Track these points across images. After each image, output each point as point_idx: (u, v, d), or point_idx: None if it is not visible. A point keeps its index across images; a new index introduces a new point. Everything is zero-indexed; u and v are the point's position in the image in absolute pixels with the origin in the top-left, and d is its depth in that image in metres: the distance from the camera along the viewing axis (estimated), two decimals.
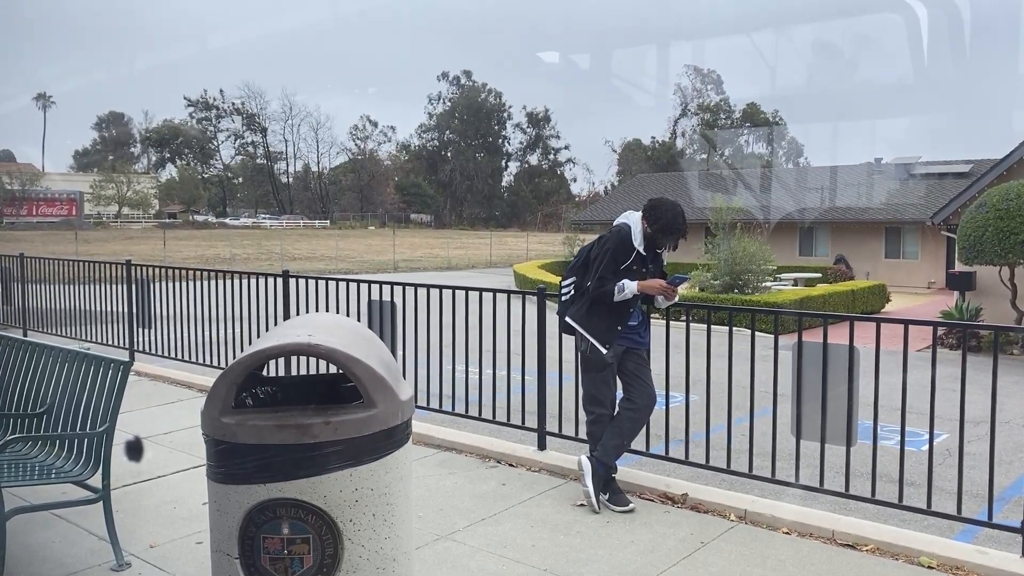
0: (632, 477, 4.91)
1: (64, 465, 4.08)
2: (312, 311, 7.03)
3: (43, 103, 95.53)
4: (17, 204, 66.57)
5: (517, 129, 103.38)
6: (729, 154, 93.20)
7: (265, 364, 2.77)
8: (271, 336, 2.77)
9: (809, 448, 4.53)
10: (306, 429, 2.59)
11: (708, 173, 45.01)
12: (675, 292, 4.61)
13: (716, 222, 20.59)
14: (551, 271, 28.80)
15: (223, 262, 35.45)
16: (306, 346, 2.63)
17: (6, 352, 4.83)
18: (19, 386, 4.63)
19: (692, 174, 42.13)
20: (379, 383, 2.70)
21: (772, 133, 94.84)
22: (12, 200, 66.12)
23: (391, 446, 2.76)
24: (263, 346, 2.64)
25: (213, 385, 2.69)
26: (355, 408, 2.71)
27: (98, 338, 9.24)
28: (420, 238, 64.73)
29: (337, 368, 2.79)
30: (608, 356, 4.60)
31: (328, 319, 3.11)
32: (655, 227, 4.60)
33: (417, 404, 5.88)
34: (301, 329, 2.80)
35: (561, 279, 4.95)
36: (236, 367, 2.63)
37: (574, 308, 4.73)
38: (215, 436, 2.67)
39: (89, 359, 4.24)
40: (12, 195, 66.12)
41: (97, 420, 4.03)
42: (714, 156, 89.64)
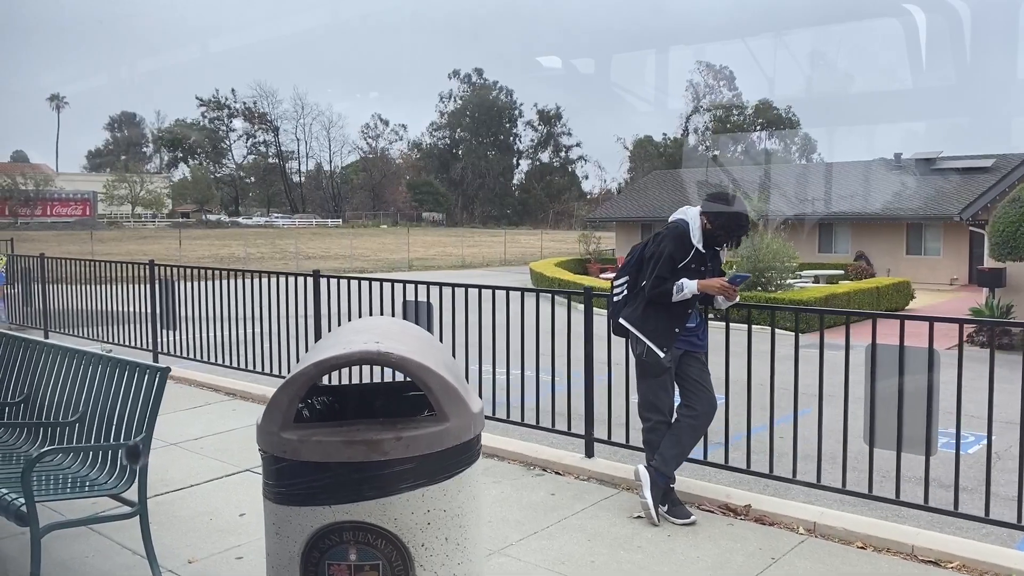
0: (688, 487, 4.66)
1: (98, 477, 3.87)
2: (344, 312, 6.81)
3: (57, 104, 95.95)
4: (32, 205, 66.82)
5: (528, 127, 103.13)
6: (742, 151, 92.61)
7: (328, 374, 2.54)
8: (333, 343, 2.54)
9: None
10: (376, 445, 2.36)
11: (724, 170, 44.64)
12: (736, 292, 4.36)
13: None
14: (567, 269, 28.56)
15: (237, 261, 35.35)
16: (376, 354, 2.39)
17: (35, 357, 4.62)
18: (49, 393, 4.42)
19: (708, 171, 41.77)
20: (452, 394, 2.47)
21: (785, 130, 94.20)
22: (27, 201, 66.37)
23: (464, 463, 2.53)
24: (328, 355, 2.41)
25: (273, 397, 2.46)
26: (426, 422, 2.48)
27: (120, 339, 9.06)
28: (432, 237, 64.55)
29: (404, 377, 2.56)
30: (666, 360, 4.35)
31: (388, 323, 2.88)
32: (716, 223, 4.35)
33: None
34: (366, 335, 2.57)
35: (612, 278, 4.71)
36: (299, 378, 2.40)
37: (628, 309, 4.49)
38: (275, 453, 2.44)
39: (123, 365, 4.03)
40: (27, 196, 66.37)
41: (132, 430, 3.82)
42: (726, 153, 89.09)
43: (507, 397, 5.71)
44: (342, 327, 2.82)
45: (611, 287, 4.69)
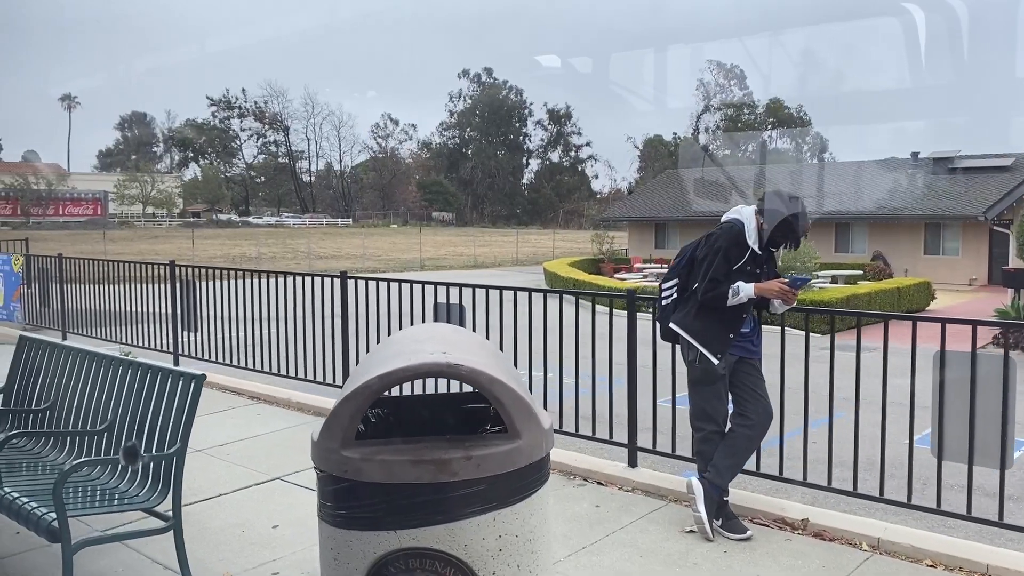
0: (739, 499, 4.45)
1: (128, 489, 3.70)
2: (372, 314, 6.63)
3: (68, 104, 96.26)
4: (44, 204, 66.98)
5: (538, 126, 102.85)
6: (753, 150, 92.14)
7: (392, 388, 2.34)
8: (395, 353, 2.35)
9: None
10: (445, 465, 2.16)
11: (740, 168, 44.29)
12: (795, 295, 4.15)
13: None
14: (581, 269, 28.34)
15: (250, 261, 35.26)
16: (445, 366, 2.20)
17: (60, 362, 4.45)
18: (75, 400, 4.25)
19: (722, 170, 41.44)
20: (524, 409, 2.28)
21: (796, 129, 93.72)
22: (39, 200, 66.54)
23: (536, 483, 2.34)
24: (393, 366, 2.22)
25: (333, 411, 2.27)
26: (497, 439, 2.28)
27: (139, 341, 8.91)
28: (443, 236, 64.40)
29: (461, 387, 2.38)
30: (720, 367, 4.15)
31: (449, 331, 2.68)
32: (774, 223, 4.14)
33: None
34: (430, 344, 2.38)
35: (661, 281, 4.51)
36: (362, 391, 2.21)
37: (680, 314, 4.28)
38: (334, 472, 2.25)
39: (154, 371, 3.85)
40: (39, 195, 66.54)
41: (166, 440, 3.64)
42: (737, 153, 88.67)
43: (544, 403, 5.52)
44: (399, 336, 2.63)
45: (659, 290, 4.50)
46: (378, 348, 2.52)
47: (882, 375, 4.14)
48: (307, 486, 5.01)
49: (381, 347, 2.50)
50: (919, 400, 4.04)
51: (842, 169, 35.43)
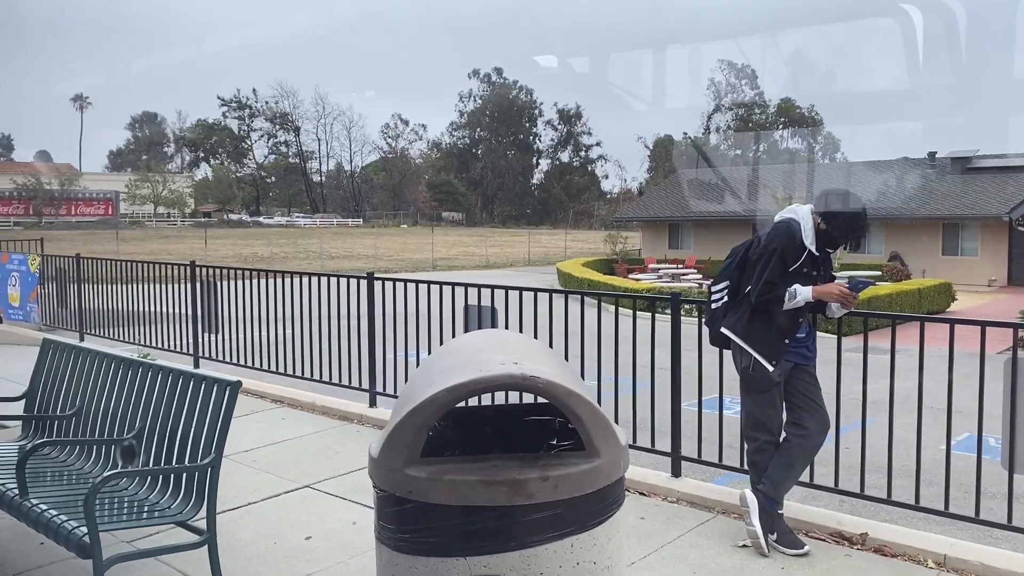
0: (793, 512, 4.26)
1: (160, 500, 3.53)
2: (399, 315, 6.45)
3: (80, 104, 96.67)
4: (56, 204, 67.21)
5: (548, 126, 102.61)
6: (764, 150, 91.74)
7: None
8: (462, 363, 2.17)
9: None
10: (520, 487, 1.98)
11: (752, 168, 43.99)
12: (856, 299, 3.95)
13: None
14: (595, 269, 28.12)
15: (262, 261, 35.19)
16: (520, 378, 2.02)
17: (86, 366, 4.30)
18: (102, 406, 4.09)
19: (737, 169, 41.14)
20: (602, 426, 2.09)
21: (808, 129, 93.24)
22: (51, 200, 66.76)
23: (613, 505, 2.15)
24: (463, 378, 2.04)
25: (396, 426, 2.09)
26: (575, 458, 2.10)
27: (158, 342, 8.76)
28: (453, 236, 64.27)
29: (521, 396, 2.19)
30: (775, 374, 3.96)
31: (512, 337, 2.50)
32: (833, 223, 3.94)
33: None
34: (498, 353, 2.19)
35: (711, 283, 4.32)
36: (429, 405, 2.03)
37: (732, 318, 4.09)
38: (397, 492, 2.07)
39: (187, 377, 3.69)
40: (51, 195, 66.77)
41: (199, 450, 3.47)
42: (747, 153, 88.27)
43: None
44: (459, 343, 2.45)
45: (708, 292, 4.30)
46: (437, 356, 2.35)
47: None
48: (338, 495, 4.85)
49: (441, 355, 2.32)
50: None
51: (857, 169, 35.08)
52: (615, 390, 5.09)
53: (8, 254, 11.08)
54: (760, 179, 36.84)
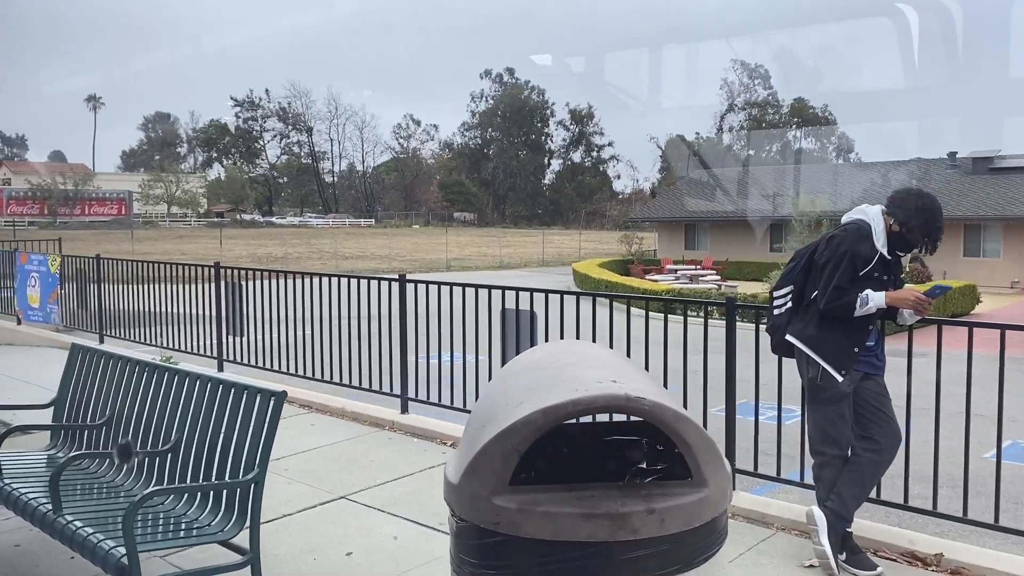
0: (861, 530, 4.03)
1: (199, 516, 3.34)
2: (432, 317, 6.26)
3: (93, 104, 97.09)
4: (71, 204, 67.47)
5: (560, 126, 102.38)
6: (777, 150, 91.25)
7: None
8: (552, 380, 1.96)
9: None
10: (623, 521, 1.78)
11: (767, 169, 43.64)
12: (931, 305, 3.73)
13: (800, 220, 19.48)
14: (610, 270, 27.87)
15: (276, 261, 35.12)
16: (624, 399, 1.81)
17: (119, 372, 4.12)
18: (135, 416, 3.91)
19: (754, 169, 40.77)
20: (711, 452, 1.89)
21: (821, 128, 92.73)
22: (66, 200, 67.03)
23: (719, 540, 1.94)
24: (561, 398, 1.83)
25: (482, 450, 1.89)
26: (680, 488, 1.89)
27: (180, 344, 8.59)
28: (466, 237, 64.12)
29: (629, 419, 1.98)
30: (845, 384, 3.73)
31: (596, 351, 2.29)
32: (908, 225, 3.71)
33: None
34: (590, 369, 1.99)
35: (772, 288, 4.10)
36: (522, 429, 1.83)
37: (798, 325, 3.87)
38: (481, 524, 1.87)
39: (227, 386, 3.50)
40: (66, 195, 67.04)
41: (241, 464, 3.28)
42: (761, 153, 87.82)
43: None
44: (540, 357, 2.24)
45: (770, 297, 4.09)
46: (515, 371, 2.14)
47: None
48: (375, 506, 4.66)
49: (521, 370, 2.12)
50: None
51: (876, 169, 34.70)
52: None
53: (28, 255, 10.96)
54: (776, 179, 36.50)
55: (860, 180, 33.97)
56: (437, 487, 5.05)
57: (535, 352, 2.32)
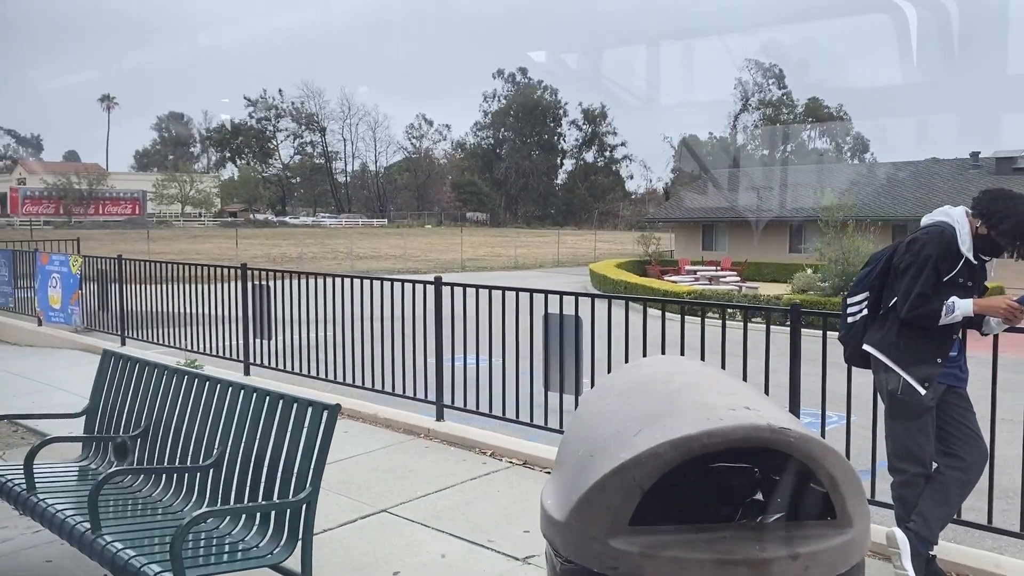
0: (942, 552, 3.79)
1: (246, 537, 3.14)
2: (471, 321, 6.04)
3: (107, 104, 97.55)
4: (85, 204, 67.72)
5: (572, 126, 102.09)
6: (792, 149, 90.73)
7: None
8: (667, 405, 1.74)
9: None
10: (763, 568, 1.56)
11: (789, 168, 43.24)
12: (1023, 313, 3.48)
13: (827, 220, 19.18)
14: (628, 270, 27.60)
15: (291, 261, 35.04)
16: (767, 430, 1.59)
17: (155, 381, 3.92)
18: (173, 428, 3.72)
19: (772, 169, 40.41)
20: (856, 488, 1.66)
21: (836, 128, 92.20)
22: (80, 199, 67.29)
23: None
24: (692, 429, 1.61)
25: (596, 485, 1.66)
26: (823, 530, 1.66)
27: (203, 347, 8.41)
28: (479, 237, 63.94)
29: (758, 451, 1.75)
30: (928, 398, 3.50)
31: (715, 373, 2.06)
32: (999, 228, 3.47)
33: None
34: (715, 395, 1.76)
35: (846, 294, 3.86)
36: (647, 463, 1.60)
37: (876, 334, 3.64)
38: (595, 568, 1.65)
39: (274, 397, 3.30)
40: (80, 195, 67.28)
41: (291, 482, 3.08)
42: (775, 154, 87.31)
43: None
44: (642, 374, 2.01)
45: (843, 303, 3.85)
46: (618, 392, 1.92)
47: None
48: (418, 520, 4.45)
49: (625, 391, 1.90)
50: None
51: (897, 169, 34.28)
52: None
53: (49, 255, 10.82)
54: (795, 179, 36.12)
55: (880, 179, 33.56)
56: (481, 500, 4.85)
57: (636, 370, 2.09)
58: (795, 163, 65.68)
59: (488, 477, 5.16)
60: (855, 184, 32.39)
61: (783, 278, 27.23)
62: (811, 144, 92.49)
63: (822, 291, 18.32)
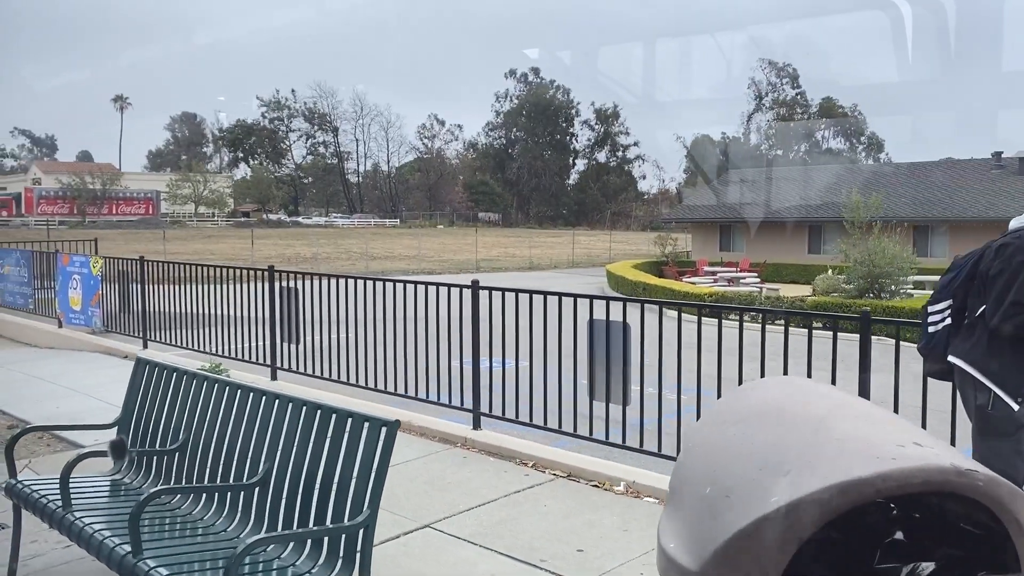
0: None
1: (295, 562, 2.93)
2: (509, 327, 5.84)
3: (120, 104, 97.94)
4: (99, 203, 67.98)
5: (585, 126, 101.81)
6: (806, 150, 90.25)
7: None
8: (815, 438, 1.51)
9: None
10: None
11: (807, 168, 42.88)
12: None
13: (852, 220, 18.88)
14: (645, 271, 27.32)
15: (305, 261, 34.95)
16: (952, 472, 1.35)
17: (193, 391, 3.73)
18: (215, 442, 3.52)
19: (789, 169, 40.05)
20: None
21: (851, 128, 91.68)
22: (94, 199, 67.55)
23: None
24: (865, 472, 1.38)
25: (739, 533, 1.45)
26: None
27: (228, 351, 8.24)
28: (491, 237, 63.80)
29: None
30: (1021, 413, 3.26)
31: (854, 400, 1.83)
32: None
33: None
34: (868, 426, 1.53)
35: (927, 302, 3.63)
36: (807, 508, 1.38)
37: (964, 345, 3.40)
38: None
39: (326, 411, 3.10)
40: (94, 195, 67.55)
41: (346, 503, 2.88)
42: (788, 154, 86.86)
43: None
44: (772, 398, 1.79)
45: (923, 312, 3.62)
46: (749, 420, 1.70)
47: None
48: (463, 537, 4.24)
49: (761, 421, 1.68)
50: None
51: (917, 169, 33.87)
52: None
53: (69, 256, 10.69)
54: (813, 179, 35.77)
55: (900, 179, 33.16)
56: (528, 516, 4.64)
57: (754, 393, 1.86)
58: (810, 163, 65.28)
59: (532, 491, 4.95)
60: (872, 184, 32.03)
61: (802, 279, 26.91)
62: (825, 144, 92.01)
63: (847, 293, 18.02)
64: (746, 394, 1.94)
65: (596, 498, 4.82)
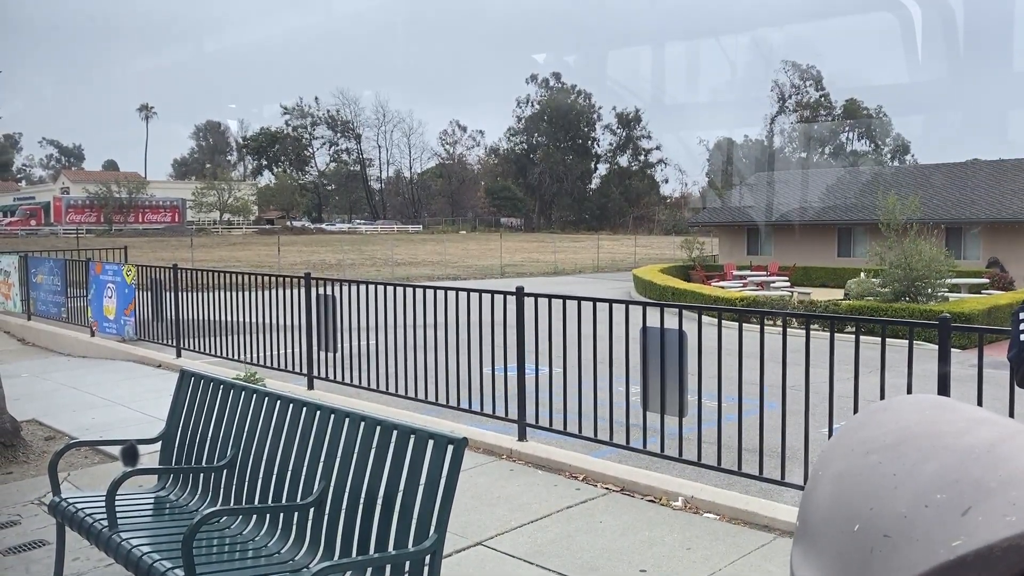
0: None
1: None
2: (556, 336, 5.65)
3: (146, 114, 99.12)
4: (125, 212, 68.69)
5: (607, 130, 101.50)
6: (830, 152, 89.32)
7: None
8: (994, 472, 1.33)
9: None
10: None
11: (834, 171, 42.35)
12: None
13: (888, 223, 18.48)
14: (672, 275, 27.00)
15: (330, 268, 34.97)
16: None
17: (241, 405, 3.58)
18: (266, 458, 3.36)
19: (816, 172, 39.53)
20: None
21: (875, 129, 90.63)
22: (121, 208, 68.28)
23: None
24: None
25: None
26: None
27: (263, 359, 8.12)
28: (514, 242, 63.63)
29: None
30: None
31: (998, 418, 1.64)
32: None
33: (764, 475, 4.43)
34: None
35: (1016, 308, 3.39)
36: (1000, 556, 1.19)
37: None
38: None
39: (386, 427, 2.92)
40: (120, 203, 68.28)
41: (411, 526, 2.70)
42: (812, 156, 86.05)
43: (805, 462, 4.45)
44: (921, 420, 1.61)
45: (1013, 319, 3.38)
46: (899, 448, 1.52)
47: None
48: (518, 555, 4.06)
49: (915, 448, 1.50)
50: None
51: (948, 170, 33.28)
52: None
53: (102, 264, 10.65)
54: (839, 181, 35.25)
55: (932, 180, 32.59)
56: (583, 534, 4.45)
57: (897, 416, 1.67)
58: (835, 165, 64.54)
59: (585, 505, 4.76)
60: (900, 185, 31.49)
61: (832, 283, 26.47)
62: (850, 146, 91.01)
63: (882, 296, 17.63)
64: (883, 416, 1.73)
65: (652, 514, 4.62)
